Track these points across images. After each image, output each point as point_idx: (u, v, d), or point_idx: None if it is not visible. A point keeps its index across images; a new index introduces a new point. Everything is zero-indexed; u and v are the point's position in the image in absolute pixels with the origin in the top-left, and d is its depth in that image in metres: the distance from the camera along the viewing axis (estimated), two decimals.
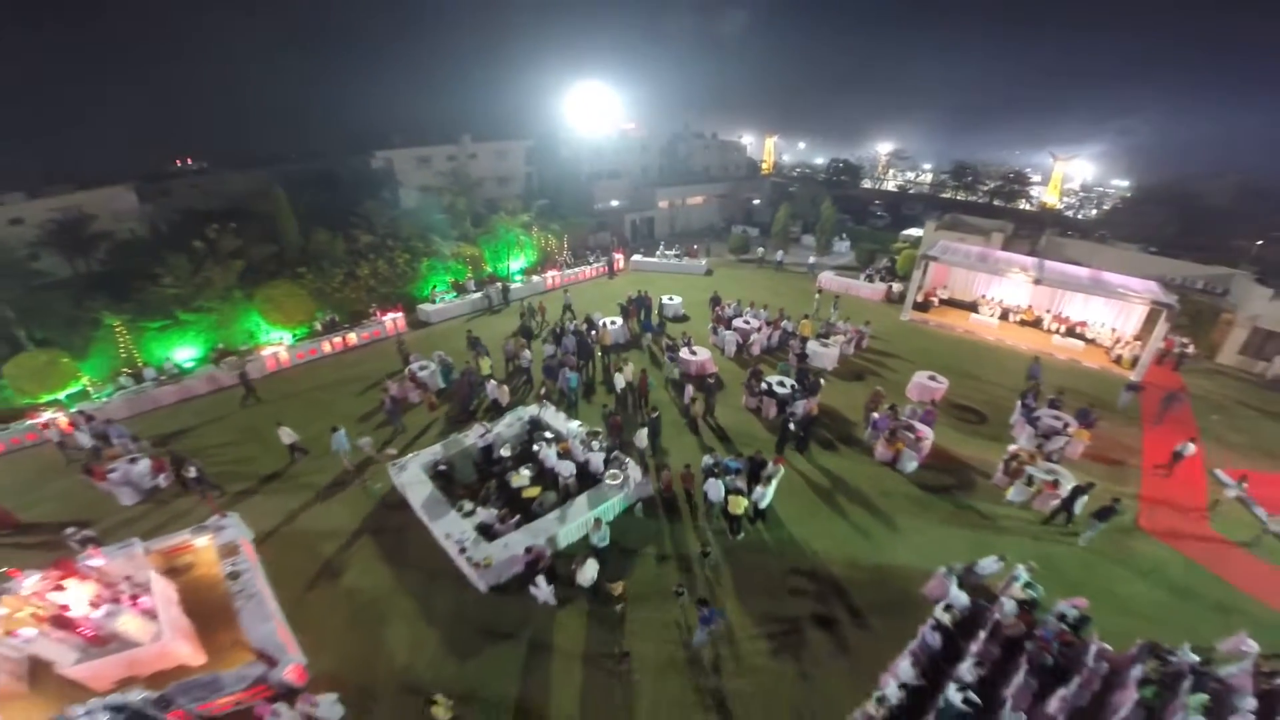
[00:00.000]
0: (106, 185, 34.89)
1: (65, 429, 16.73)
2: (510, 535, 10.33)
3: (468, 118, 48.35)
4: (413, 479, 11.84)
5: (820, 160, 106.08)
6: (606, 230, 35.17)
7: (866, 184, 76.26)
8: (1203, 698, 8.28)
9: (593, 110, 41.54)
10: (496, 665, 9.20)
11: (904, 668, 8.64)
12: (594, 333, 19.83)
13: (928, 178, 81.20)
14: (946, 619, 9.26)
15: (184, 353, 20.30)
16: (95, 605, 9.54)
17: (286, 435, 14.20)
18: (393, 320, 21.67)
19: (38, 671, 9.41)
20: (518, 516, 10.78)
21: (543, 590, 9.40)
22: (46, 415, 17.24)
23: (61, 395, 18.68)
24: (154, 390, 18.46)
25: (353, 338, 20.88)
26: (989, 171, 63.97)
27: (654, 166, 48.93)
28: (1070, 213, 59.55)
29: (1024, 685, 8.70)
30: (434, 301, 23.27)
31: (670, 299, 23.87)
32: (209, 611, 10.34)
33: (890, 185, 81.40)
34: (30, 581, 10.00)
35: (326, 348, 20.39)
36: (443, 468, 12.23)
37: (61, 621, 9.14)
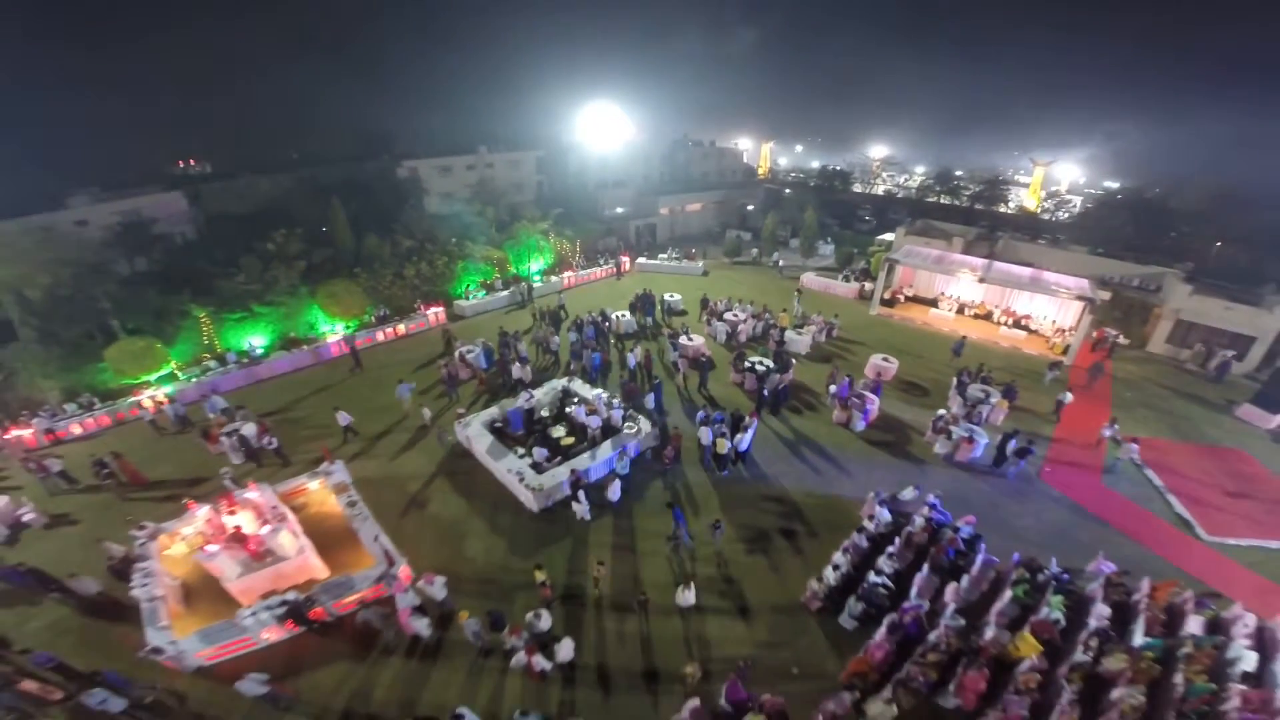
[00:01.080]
0: (161, 191, 38.36)
1: (162, 403, 20.26)
2: (555, 470, 13.93)
3: (482, 129, 51.74)
4: (476, 433, 15.45)
5: (816, 164, 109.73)
6: (613, 235, 38.67)
7: (857, 188, 79.74)
8: (1061, 597, 11.75)
9: (600, 125, 44.89)
10: (549, 562, 12.67)
11: (837, 557, 12.22)
12: (608, 324, 23.45)
13: (917, 182, 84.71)
14: (871, 527, 12.83)
15: (255, 340, 23.78)
16: (260, 520, 12.94)
17: (343, 418, 17.31)
18: (435, 314, 25.29)
19: (190, 595, 12.26)
20: (559, 458, 14.38)
21: (582, 506, 12.97)
22: (148, 393, 20.81)
23: (153, 377, 22.14)
24: (237, 371, 22.01)
25: (401, 328, 24.51)
26: (972, 177, 67.66)
27: (655, 174, 52.33)
28: (1046, 216, 63.03)
29: (927, 579, 12.21)
30: (468, 298, 26.91)
31: (671, 296, 27.45)
32: (325, 537, 13.24)
33: (880, 190, 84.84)
34: (203, 510, 13.45)
35: (380, 337, 24.00)
36: (498, 424, 15.82)
37: (238, 536, 12.37)
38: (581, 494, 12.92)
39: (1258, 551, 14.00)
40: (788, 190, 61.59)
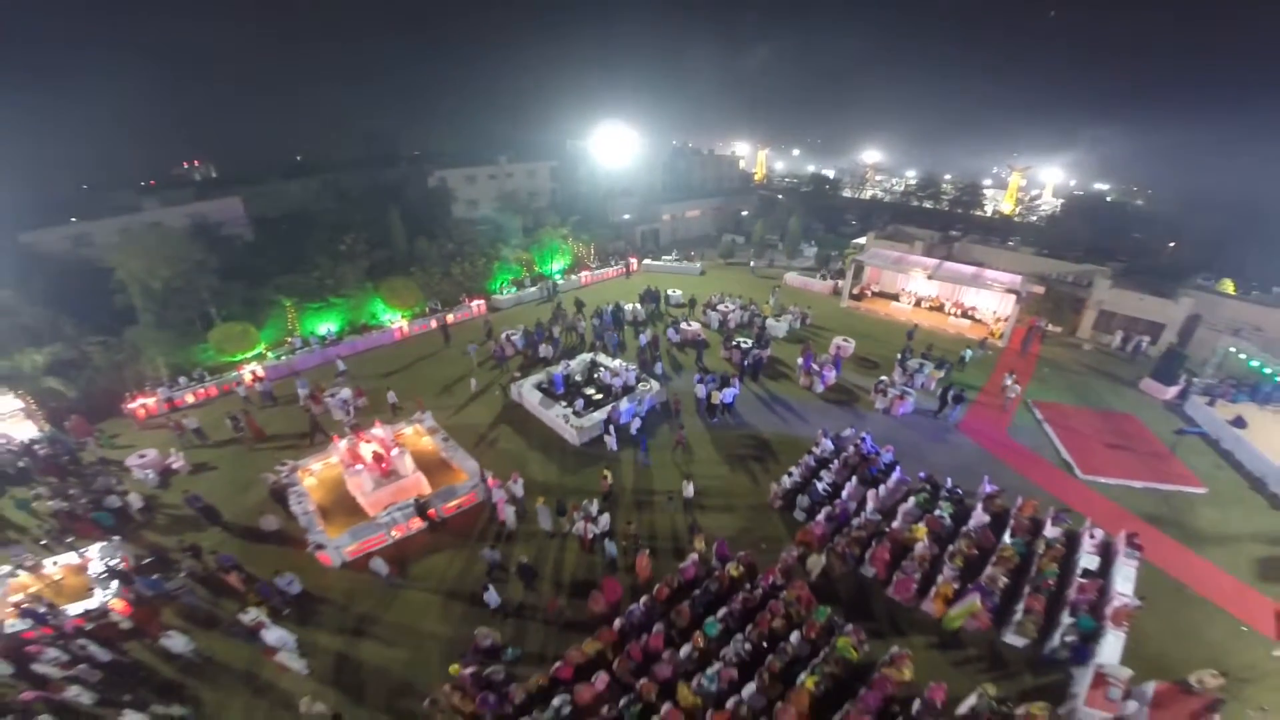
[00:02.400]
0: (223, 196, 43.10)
1: (260, 377, 25.08)
2: (590, 415, 18.96)
3: (502, 141, 56.86)
4: (528, 391, 20.48)
5: (812, 168, 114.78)
6: (621, 240, 43.57)
7: (847, 193, 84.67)
8: (950, 504, 16.54)
9: (609, 139, 49.61)
10: (589, 475, 17.49)
11: (792, 469, 17.15)
12: (622, 312, 28.54)
13: (903, 185, 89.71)
14: (818, 452, 17.78)
15: (327, 326, 28.54)
16: (387, 450, 17.68)
17: (391, 396, 21.90)
18: (477, 305, 30.31)
19: (324, 513, 16.68)
20: (592, 408, 19.38)
21: (611, 439, 17.95)
22: (247, 369, 25.60)
23: (247, 355, 26.91)
24: (320, 350, 26.90)
25: (451, 317, 29.48)
26: (952, 183, 72.91)
27: (658, 183, 57.11)
28: (1018, 219, 68.08)
29: (855, 488, 17.05)
30: (502, 293, 31.93)
31: (674, 292, 32.49)
32: (423, 465, 17.65)
33: (868, 195, 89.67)
34: (344, 442, 18.15)
35: (433, 324, 28.95)
36: (544, 385, 20.83)
37: (378, 456, 17.14)
38: (611, 429, 17.91)
39: (1121, 489, 18.49)
40: (780, 196, 66.30)
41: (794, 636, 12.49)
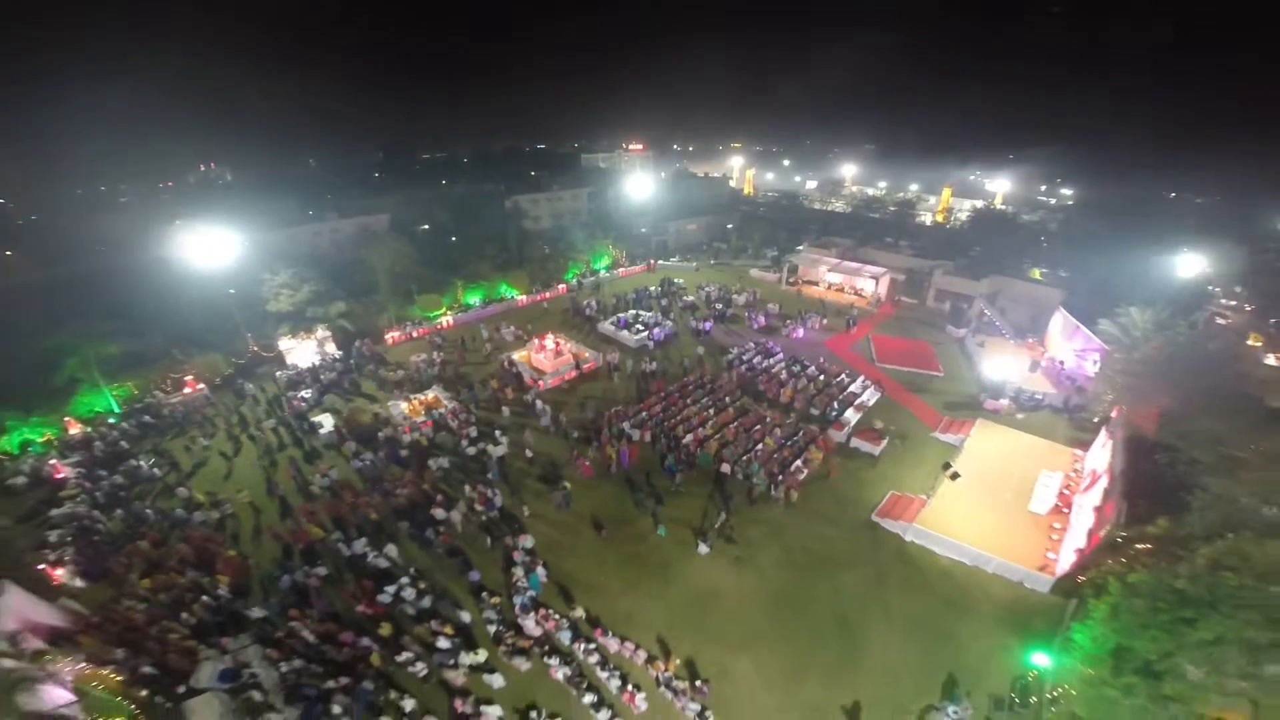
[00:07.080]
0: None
1: (450, 325, 45.83)
2: (639, 334, 39.93)
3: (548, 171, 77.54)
4: (605, 326, 41.46)
5: (798, 178, 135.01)
6: (641, 247, 64.14)
7: (817, 206, 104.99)
8: (799, 364, 37.27)
9: (634, 178, 70.05)
10: (645, 356, 38.24)
11: (732, 350, 37.95)
12: (649, 292, 49.26)
13: (856, 200, 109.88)
14: (744, 347, 38.53)
15: (474, 299, 49.17)
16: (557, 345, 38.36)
17: (508, 334, 43.17)
18: (562, 287, 51.14)
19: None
20: (639, 332, 40.29)
21: (651, 343, 38.85)
22: (444, 318, 46.31)
23: (437, 313, 47.44)
24: (479, 310, 47.65)
25: (546, 294, 50.31)
26: (893, 200, 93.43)
27: (665, 200, 77.44)
28: (948, 226, 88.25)
29: (760, 360, 37.85)
30: (574, 282, 52.77)
31: (678, 280, 53.11)
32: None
33: (833, 207, 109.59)
34: (534, 341, 38.79)
35: (539, 298, 49.73)
36: (613, 324, 41.68)
37: (558, 344, 37.82)
38: (652, 338, 38.89)
39: (895, 370, 38.84)
40: (762, 209, 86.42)
41: (728, 398, 33.26)
